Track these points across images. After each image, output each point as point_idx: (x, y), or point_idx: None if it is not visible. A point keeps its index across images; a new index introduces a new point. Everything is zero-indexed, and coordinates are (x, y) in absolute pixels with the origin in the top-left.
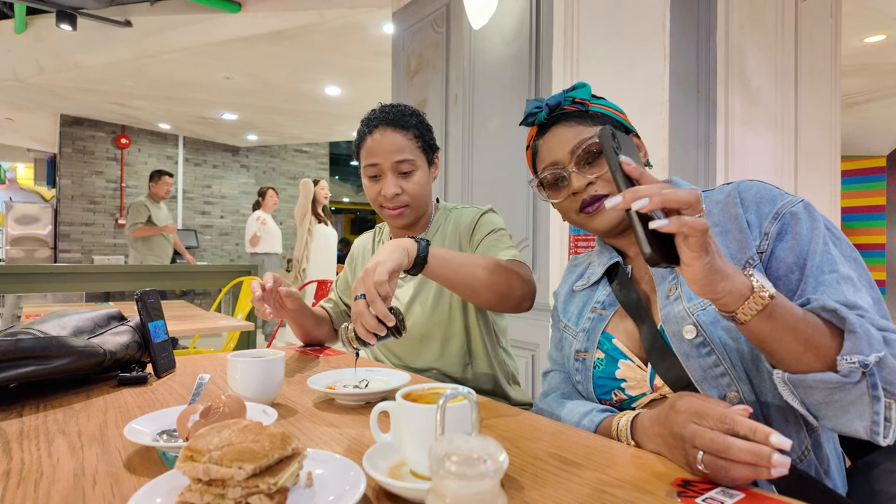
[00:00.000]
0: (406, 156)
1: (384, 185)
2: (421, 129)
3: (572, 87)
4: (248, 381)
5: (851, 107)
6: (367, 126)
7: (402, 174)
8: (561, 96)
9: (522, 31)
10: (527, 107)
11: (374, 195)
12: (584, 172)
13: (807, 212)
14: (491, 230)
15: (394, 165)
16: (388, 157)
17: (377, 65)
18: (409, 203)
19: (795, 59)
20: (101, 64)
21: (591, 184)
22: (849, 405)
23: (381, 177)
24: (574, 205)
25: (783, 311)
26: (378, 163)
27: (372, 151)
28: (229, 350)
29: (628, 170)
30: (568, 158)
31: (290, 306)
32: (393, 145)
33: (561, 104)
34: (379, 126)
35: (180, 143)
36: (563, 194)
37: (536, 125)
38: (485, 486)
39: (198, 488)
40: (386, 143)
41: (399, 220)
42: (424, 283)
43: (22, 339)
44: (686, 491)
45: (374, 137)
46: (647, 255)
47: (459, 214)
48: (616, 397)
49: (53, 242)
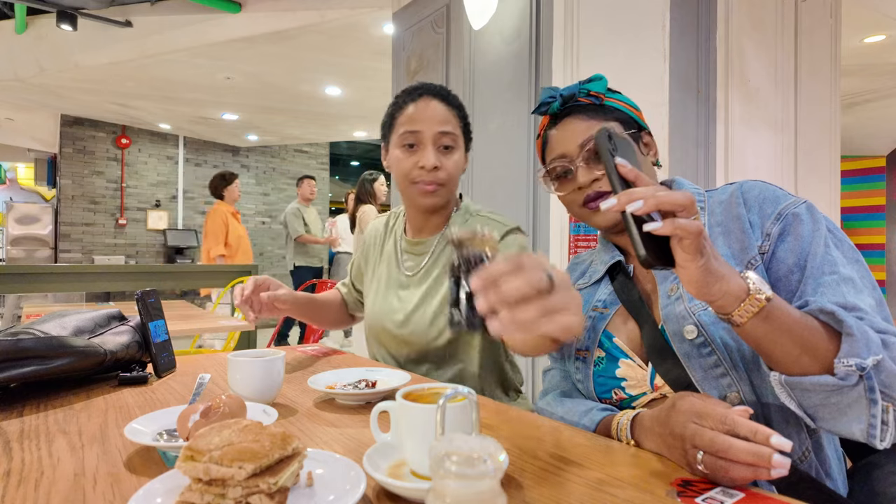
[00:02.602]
0: (450, 129)
1: (423, 155)
2: (463, 112)
3: (588, 80)
4: (248, 380)
5: (851, 107)
6: (409, 95)
7: (444, 148)
8: (576, 87)
9: (522, 31)
10: (541, 95)
11: (409, 167)
12: (591, 168)
13: (809, 213)
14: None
15: (436, 136)
16: (431, 126)
17: (377, 65)
18: (445, 182)
19: (795, 59)
20: (101, 64)
21: (596, 180)
22: (846, 408)
23: (419, 147)
24: (578, 199)
25: (780, 314)
26: (420, 130)
27: (414, 118)
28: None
29: (623, 172)
30: (577, 152)
31: (281, 307)
32: (439, 115)
33: (575, 96)
34: (424, 95)
35: (181, 143)
36: (569, 188)
37: (549, 115)
38: (485, 486)
39: (198, 488)
40: (431, 112)
41: (431, 198)
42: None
43: (22, 339)
44: (686, 491)
45: (418, 105)
46: (642, 257)
47: (479, 222)
48: (616, 396)
49: (54, 242)
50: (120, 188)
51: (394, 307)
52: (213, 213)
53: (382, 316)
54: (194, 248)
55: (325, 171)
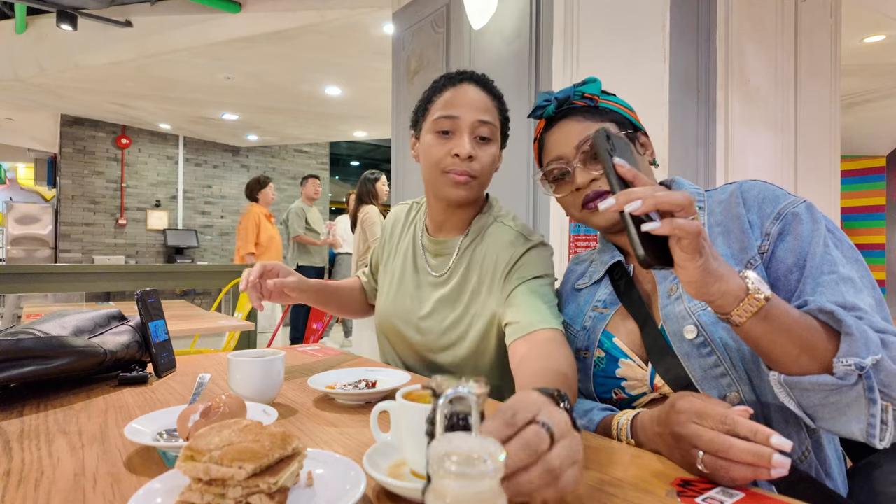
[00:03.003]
0: (489, 118)
1: (458, 142)
2: (503, 105)
3: (582, 82)
4: (248, 380)
5: (851, 107)
6: (450, 80)
7: (481, 139)
8: (570, 90)
9: (522, 31)
10: (537, 99)
11: (442, 154)
12: (588, 168)
13: (808, 212)
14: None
15: (474, 125)
16: (471, 113)
17: (377, 65)
18: (478, 174)
19: (795, 59)
20: (101, 64)
21: (594, 180)
22: (845, 407)
23: (455, 134)
24: (577, 200)
25: (779, 313)
26: (458, 115)
27: (453, 103)
28: (229, 350)
29: (622, 171)
30: (573, 153)
31: (290, 293)
32: (479, 102)
33: (570, 98)
34: (465, 81)
35: (181, 143)
36: (567, 189)
37: (545, 118)
38: (485, 486)
39: (198, 488)
40: (471, 98)
41: (462, 190)
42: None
43: (22, 338)
44: (686, 491)
45: (458, 91)
46: (640, 257)
47: (502, 233)
48: (616, 396)
49: (54, 242)
50: (120, 188)
51: (406, 307)
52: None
53: (393, 314)
54: (194, 248)
55: (326, 171)
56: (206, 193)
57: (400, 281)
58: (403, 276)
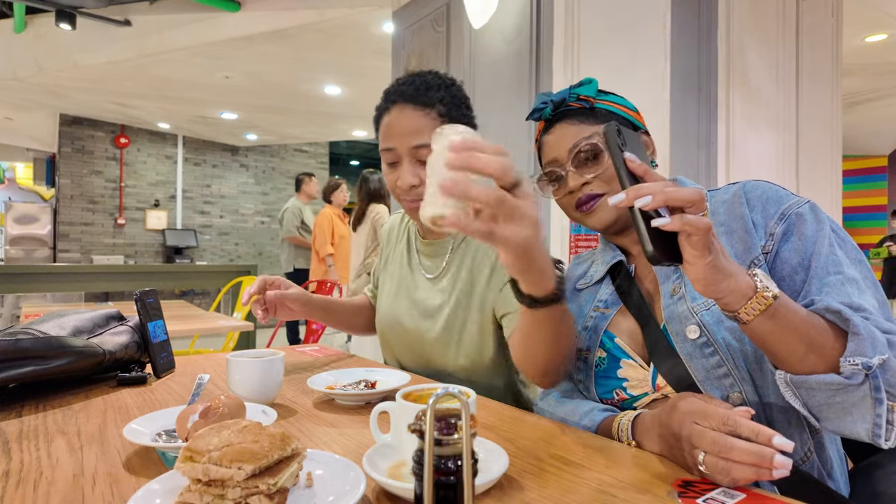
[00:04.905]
0: (425, 140)
1: (402, 174)
2: (449, 106)
3: (578, 83)
4: (247, 381)
5: (853, 106)
6: (385, 101)
7: (422, 162)
8: (566, 92)
9: (523, 29)
10: (535, 101)
11: (392, 186)
12: (581, 172)
13: (813, 213)
14: None
15: (411, 151)
16: (405, 141)
17: (377, 64)
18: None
19: (796, 58)
20: (100, 63)
21: (586, 183)
22: (851, 407)
23: (398, 163)
24: (571, 202)
25: (786, 312)
26: (394, 147)
27: (388, 133)
28: (229, 350)
29: (632, 167)
30: (566, 157)
31: (291, 306)
32: (410, 127)
33: (566, 100)
34: (397, 102)
35: (180, 142)
36: (561, 192)
37: (543, 120)
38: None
39: (197, 489)
40: (403, 125)
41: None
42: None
43: (21, 339)
44: (687, 491)
45: (391, 116)
46: (650, 253)
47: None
48: (618, 396)
49: (53, 242)
50: (119, 188)
51: (403, 309)
52: (321, 216)
53: (392, 317)
54: (193, 248)
55: (325, 171)
56: (205, 193)
57: (398, 284)
58: (401, 279)
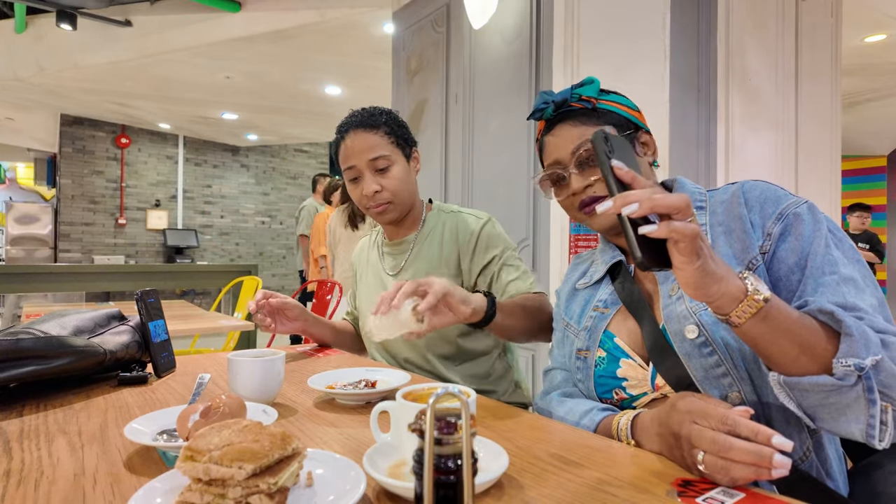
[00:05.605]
0: (380, 152)
1: (364, 184)
2: (392, 126)
3: (580, 83)
4: (248, 380)
5: (852, 106)
6: (340, 133)
7: (380, 171)
8: (567, 92)
9: (523, 30)
10: (536, 100)
11: (358, 197)
12: (584, 174)
13: (810, 213)
14: (502, 250)
15: (369, 164)
16: (362, 157)
17: (377, 64)
18: (391, 199)
19: (796, 58)
20: (101, 63)
21: (590, 185)
22: (844, 408)
23: (360, 178)
24: (574, 203)
25: (778, 314)
26: (354, 164)
27: (348, 155)
28: (229, 350)
29: (620, 174)
30: (569, 159)
31: (289, 314)
32: (365, 144)
33: (567, 101)
34: (350, 130)
35: (180, 142)
36: (564, 193)
37: (543, 120)
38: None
39: (198, 488)
40: (359, 144)
41: (384, 216)
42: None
43: (22, 338)
44: (686, 491)
45: (348, 141)
46: (638, 259)
47: (457, 220)
48: (617, 396)
49: (53, 242)
50: (119, 188)
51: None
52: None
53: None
54: (194, 248)
55: (325, 171)
56: (205, 193)
57: (370, 288)
58: (372, 284)
